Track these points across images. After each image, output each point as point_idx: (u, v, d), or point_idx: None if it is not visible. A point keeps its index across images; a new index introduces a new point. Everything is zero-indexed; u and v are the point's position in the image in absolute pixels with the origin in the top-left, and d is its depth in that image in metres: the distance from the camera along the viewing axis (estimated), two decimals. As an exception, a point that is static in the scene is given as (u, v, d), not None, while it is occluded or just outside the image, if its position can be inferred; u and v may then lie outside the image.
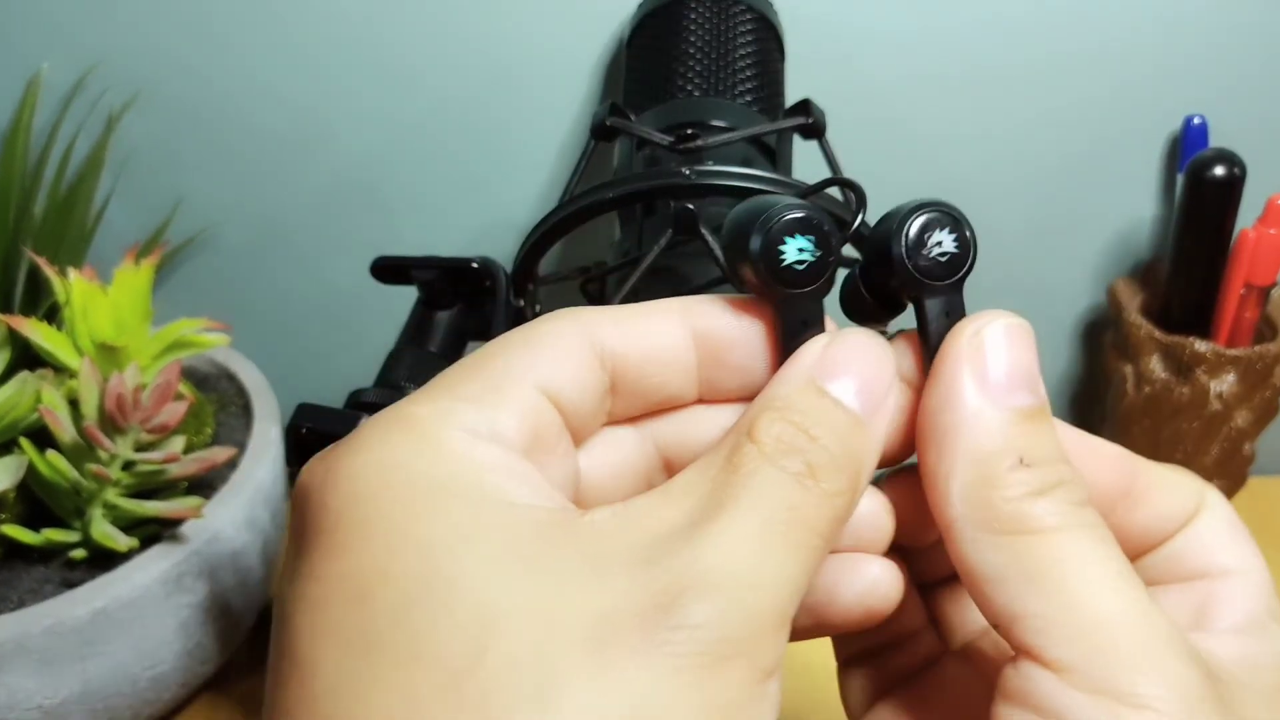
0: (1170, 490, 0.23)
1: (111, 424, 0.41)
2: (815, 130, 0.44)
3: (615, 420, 0.23)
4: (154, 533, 0.43)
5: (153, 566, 0.41)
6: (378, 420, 0.20)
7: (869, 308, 0.23)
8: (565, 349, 0.21)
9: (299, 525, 0.19)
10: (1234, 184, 0.51)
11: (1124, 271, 0.62)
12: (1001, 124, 0.57)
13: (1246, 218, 0.52)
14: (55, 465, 0.40)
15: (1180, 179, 0.53)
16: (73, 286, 0.43)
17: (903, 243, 0.22)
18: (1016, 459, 0.20)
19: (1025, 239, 0.61)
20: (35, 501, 0.43)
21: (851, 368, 0.21)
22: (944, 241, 0.22)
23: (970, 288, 0.22)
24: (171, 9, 0.53)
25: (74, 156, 0.54)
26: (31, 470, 0.41)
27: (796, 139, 0.46)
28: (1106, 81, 0.56)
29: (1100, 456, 0.23)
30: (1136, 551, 0.24)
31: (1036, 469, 0.20)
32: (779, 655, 0.18)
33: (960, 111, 0.57)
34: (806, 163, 0.46)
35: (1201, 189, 0.51)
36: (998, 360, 0.21)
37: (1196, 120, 0.56)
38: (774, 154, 0.44)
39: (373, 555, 0.18)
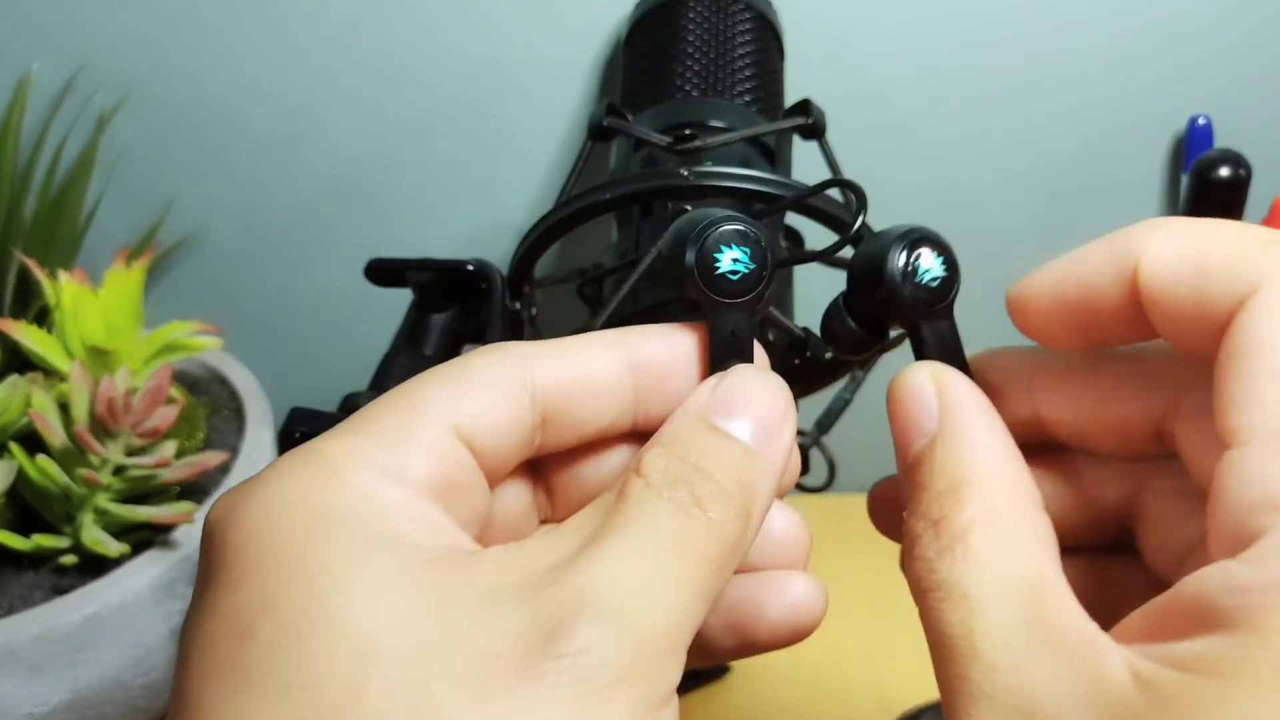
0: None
1: (102, 428, 0.40)
2: (815, 130, 0.44)
3: (548, 450, 0.23)
4: (145, 538, 0.42)
5: (144, 572, 0.41)
6: (289, 455, 0.20)
7: (852, 335, 0.24)
8: (492, 389, 0.21)
9: (202, 562, 0.19)
10: (1239, 185, 0.50)
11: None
12: (1004, 124, 0.57)
13: (1252, 219, 0.52)
14: (45, 470, 0.40)
15: (1185, 180, 0.53)
16: (63, 289, 0.43)
17: (896, 270, 0.22)
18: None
19: (1027, 240, 0.60)
20: (25, 507, 0.42)
21: (743, 402, 0.21)
22: (934, 267, 0.22)
23: (972, 290, 0.22)
24: (162, 9, 0.53)
25: (64, 157, 0.54)
26: (21, 475, 0.41)
27: (796, 139, 0.45)
28: (1110, 81, 0.56)
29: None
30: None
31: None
32: (670, 683, 0.18)
33: (962, 111, 0.56)
34: (806, 163, 0.45)
35: (1206, 190, 0.51)
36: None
37: (1201, 120, 0.55)
38: (773, 154, 0.44)
39: (259, 589, 0.17)
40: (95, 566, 0.41)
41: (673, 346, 0.22)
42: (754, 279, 0.22)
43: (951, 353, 0.23)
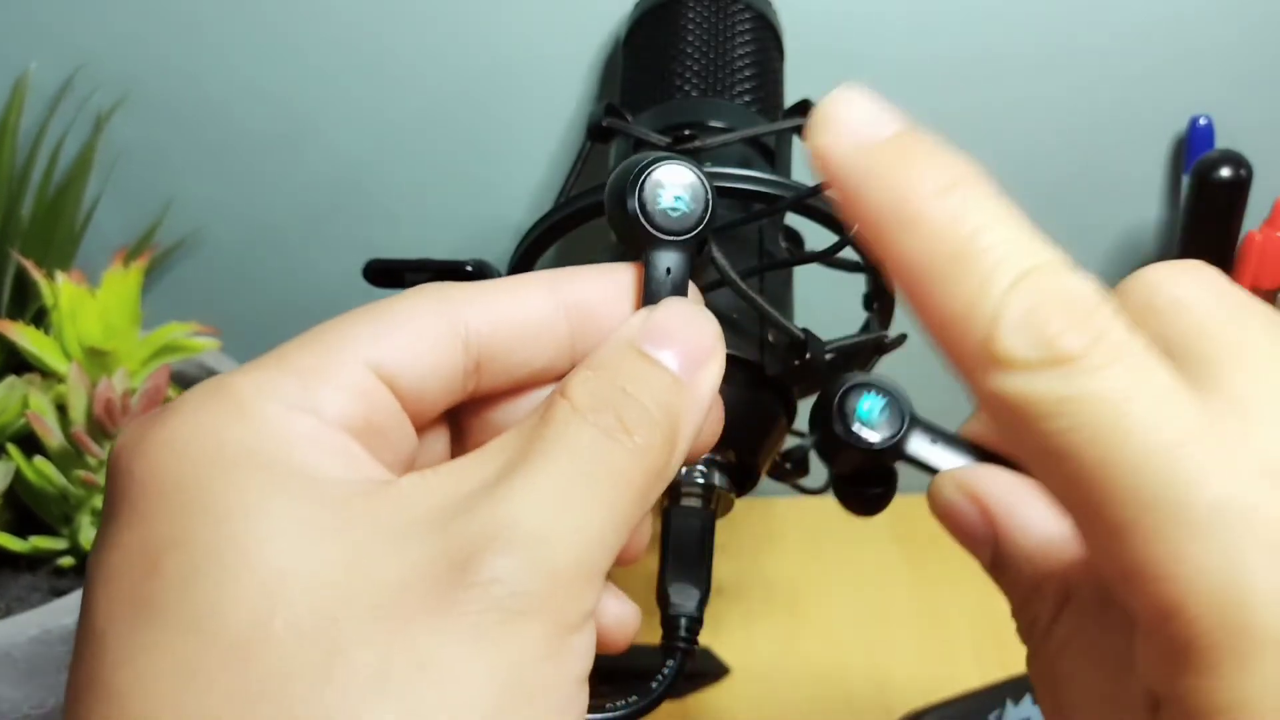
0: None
1: (100, 429, 0.40)
2: (815, 130, 0.44)
3: (480, 395, 0.22)
4: (143, 540, 0.42)
5: (141, 575, 0.40)
6: (198, 388, 0.19)
7: (869, 494, 0.24)
8: (418, 332, 0.20)
9: (107, 493, 0.19)
10: (1240, 185, 0.50)
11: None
12: (1003, 125, 0.57)
13: (1253, 220, 0.52)
14: (43, 471, 0.40)
15: (1186, 180, 0.52)
16: (61, 290, 0.43)
17: (842, 430, 0.23)
18: None
19: (1027, 240, 0.60)
20: (23, 508, 0.42)
21: (674, 333, 0.21)
22: (875, 404, 0.23)
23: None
24: (160, 9, 0.53)
25: (62, 158, 0.54)
26: (19, 477, 0.41)
27: (796, 139, 0.45)
28: (1110, 81, 0.56)
29: None
30: None
31: None
32: (585, 609, 0.18)
33: (962, 112, 0.56)
34: (806, 163, 0.45)
35: (1207, 191, 0.51)
36: None
37: (1202, 121, 0.55)
38: (773, 155, 0.44)
39: (167, 524, 0.17)
40: (93, 568, 0.41)
41: (608, 285, 0.22)
42: (695, 217, 0.23)
43: (951, 442, 0.23)
